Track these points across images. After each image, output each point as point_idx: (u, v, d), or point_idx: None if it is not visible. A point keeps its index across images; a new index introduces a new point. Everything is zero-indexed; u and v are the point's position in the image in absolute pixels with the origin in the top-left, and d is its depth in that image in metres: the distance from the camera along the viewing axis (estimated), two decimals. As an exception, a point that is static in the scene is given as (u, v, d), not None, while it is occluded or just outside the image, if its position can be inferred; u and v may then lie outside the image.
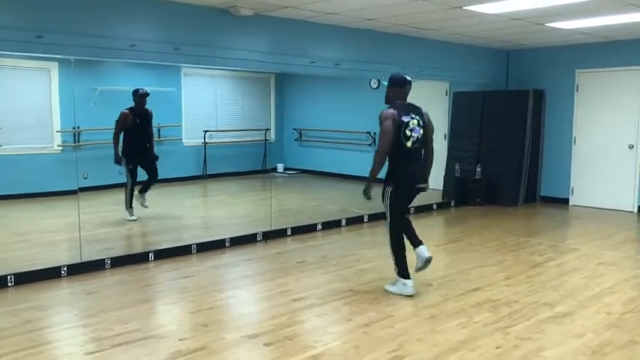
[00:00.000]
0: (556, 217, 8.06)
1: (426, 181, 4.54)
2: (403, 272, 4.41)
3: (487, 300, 4.35)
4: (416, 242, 4.50)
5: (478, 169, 8.71)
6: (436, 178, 9.14)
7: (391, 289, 4.46)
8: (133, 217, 6.93)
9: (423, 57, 7.97)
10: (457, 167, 8.81)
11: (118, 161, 6.80)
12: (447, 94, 9.42)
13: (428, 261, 4.45)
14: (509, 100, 8.89)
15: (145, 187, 7.17)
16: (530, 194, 8.93)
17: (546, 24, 6.78)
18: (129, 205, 6.93)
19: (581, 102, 8.62)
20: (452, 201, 8.68)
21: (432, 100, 9.57)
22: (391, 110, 4.30)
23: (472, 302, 4.29)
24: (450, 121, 9.28)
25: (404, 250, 4.42)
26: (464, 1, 5.60)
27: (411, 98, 4.52)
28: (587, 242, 6.36)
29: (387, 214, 4.46)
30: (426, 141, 4.47)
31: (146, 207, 7.09)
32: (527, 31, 7.35)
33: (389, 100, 4.43)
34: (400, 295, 4.39)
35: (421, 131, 4.40)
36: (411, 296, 4.35)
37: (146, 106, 7.06)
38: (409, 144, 4.32)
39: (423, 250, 4.46)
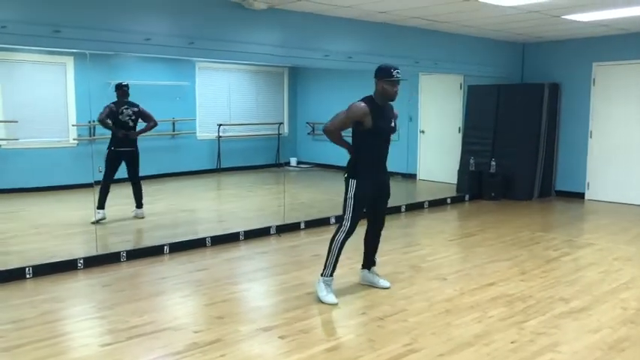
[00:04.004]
0: (571, 212, 8.00)
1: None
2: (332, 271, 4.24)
3: (502, 295, 4.33)
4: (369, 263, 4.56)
5: (493, 163, 8.66)
6: (451, 172, 9.16)
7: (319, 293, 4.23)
8: (95, 219, 6.23)
9: (437, 50, 7.91)
10: (472, 161, 8.76)
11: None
12: (461, 88, 9.34)
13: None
14: (524, 93, 8.80)
15: (137, 201, 6.79)
16: (545, 188, 8.86)
17: (563, 16, 6.70)
18: (99, 205, 6.32)
19: (598, 95, 8.52)
20: (466, 195, 8.63)
21: (446, 93, 9.54)
22: (367, 109, 4.06)
23: (487, 297, 4.28)
24: (464, 114, 9.21)
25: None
26: (479, -7, 5.56)
27: (425, 92, 4.46)
28: (602, 237, 6.30)
29: (349, 210, 4.18)
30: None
31: (142, 217, 6.78)
32: (544, 24, 7.26)
33: (380, 98, 4.15)
34: (320, 298, 4.19)
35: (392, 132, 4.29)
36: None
37: (130, 99, 6.65)
38: (381, 142, 4.23)
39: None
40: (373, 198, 4.31)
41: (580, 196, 8.74)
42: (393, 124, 4.29)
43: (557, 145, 8.95)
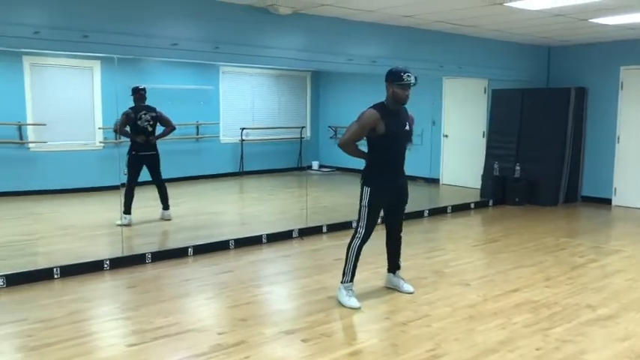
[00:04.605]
0: (598, 218, 7.86)
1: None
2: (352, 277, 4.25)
3: (526, 301, 4.28)
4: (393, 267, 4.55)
5: (517, 168, 8.56)
6: (474, 177, 9.09)
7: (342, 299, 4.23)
8: (121, 222, 6.23)
9: (462, 54, 7.87)
10: (496, 166, 8.68)
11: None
12: (485, 92, 9.26)
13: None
14: (549, 97, 8.70)
15: (164, 203, 6.86)
16: (570, 194, 8.73)
17: (590, 20, 6.61)
18: (125, 210, 6.42)
19: (625, 100, 8.38)
20: (490, 200, 8.55)
21: (470, 97, 9.47)
22: (377, 115, 4.01)
23: (511, 303, 4.24)
24: (488, 119, 9.13)
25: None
26: (505, -3, 5.52)
27: (449, 96, 4.43)
28: (631, 244, 6.19)
29: (363, 218, 4.18)
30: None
31: (169, 219, 6.88)
32: (570, 27, 7.17)
33: (392, 103, 4.08)
34: (342, 303, 4.19)
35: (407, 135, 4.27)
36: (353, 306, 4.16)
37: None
38: (396, 147, 4.18)
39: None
40: (390, 203, 4.30)
41: (607, 202, 8.60)
42: (407, 128, 4.22)
43: (583, 150, 8.81)
